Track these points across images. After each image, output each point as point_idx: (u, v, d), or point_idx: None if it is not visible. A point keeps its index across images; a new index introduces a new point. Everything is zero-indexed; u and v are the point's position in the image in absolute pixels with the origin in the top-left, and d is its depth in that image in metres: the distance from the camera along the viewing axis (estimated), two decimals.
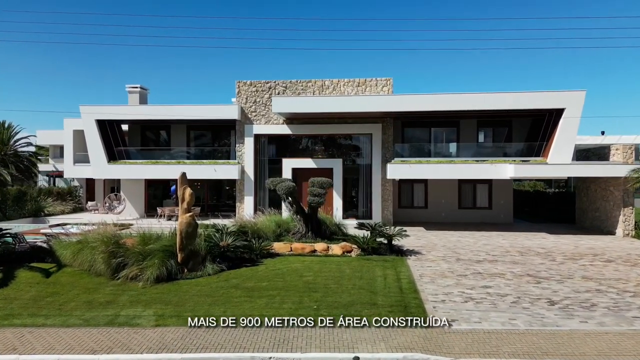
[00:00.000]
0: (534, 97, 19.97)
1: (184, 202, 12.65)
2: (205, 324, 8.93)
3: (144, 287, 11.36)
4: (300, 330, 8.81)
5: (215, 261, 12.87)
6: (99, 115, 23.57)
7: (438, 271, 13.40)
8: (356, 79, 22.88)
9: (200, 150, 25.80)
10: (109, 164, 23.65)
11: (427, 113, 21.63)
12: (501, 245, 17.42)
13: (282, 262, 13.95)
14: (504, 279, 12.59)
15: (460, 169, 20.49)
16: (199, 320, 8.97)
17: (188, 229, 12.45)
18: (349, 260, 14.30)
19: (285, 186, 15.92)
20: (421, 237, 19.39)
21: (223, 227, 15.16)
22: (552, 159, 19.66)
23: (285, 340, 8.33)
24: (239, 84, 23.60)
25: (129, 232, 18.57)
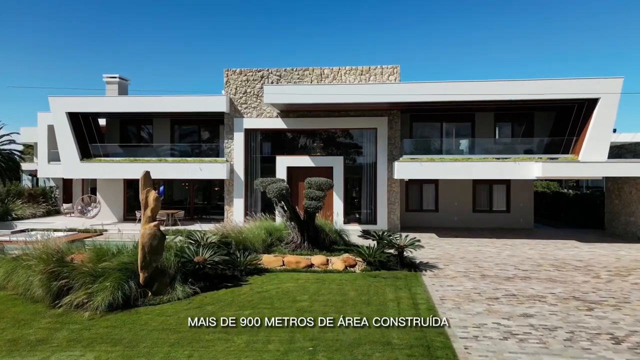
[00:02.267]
0: (563, 85, 17.47)
1: (148, 209, 10.15)
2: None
3: (92, 318, 8.86)
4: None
5: (187, 281, 10.38)
6: (71, 107, 21.06)
7: (462, 292, 10.92)
8: (359, 67, 20.39)
9: (185, 147, 23.32)
10: (82, 162, 21.13)
11: (439, 104, 19.14)
12: (530, 257, 14.94)
13: (271, 281, 11.48)
14: (546, 304, 10.11)
15: (479, 168, 17.98)
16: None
17: (152, 242, 9.96)
18: (352, 278, 11.83)
19: (276, 188, 13.44)
20: (434, 245, 16.91)
21: (202, 237, 12.68)
22: (584, 156, 17.17)
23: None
24: (228, 72, 21.10)
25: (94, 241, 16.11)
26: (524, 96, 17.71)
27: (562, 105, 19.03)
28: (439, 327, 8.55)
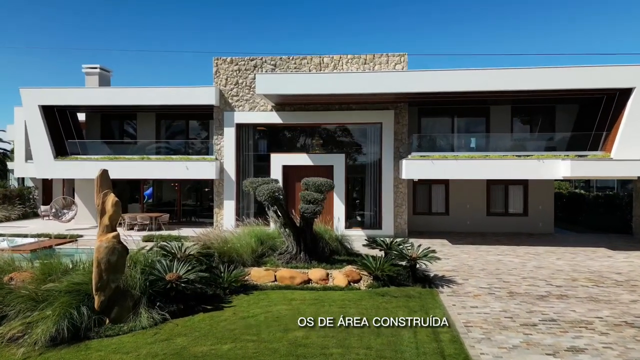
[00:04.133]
0: (591, 73, 15.52)
1: (105, 216, 8.21)
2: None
3: (27, 356, 6.96)
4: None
5: (155, 305, 8.46)
6: (44, 99, 19.12)
7: (490, 317, 9.01)
8: (362, 55, 18.45)
9: (172, 145, 21.39)
10: (57, 160, 19.18)
11: (451, 96, 17.19)
12: (560, 269, 13.02)
13: (260, 302, 9.56)
14: (595, 333, 8.21)
15: (498, 167, 16.01)
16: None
17: (110, 257, 8.04)
18: (357, 298, 9.91)
19: (268, 190, 11.51)
20: (448, 254, 14.99)
21: (179, 248, 10.76)
22: (617, 153, 15.24)
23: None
24: (217, 61, 19.16)
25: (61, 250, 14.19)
26: (548, 85, 15.78)
27: (588, 96, 17.09)
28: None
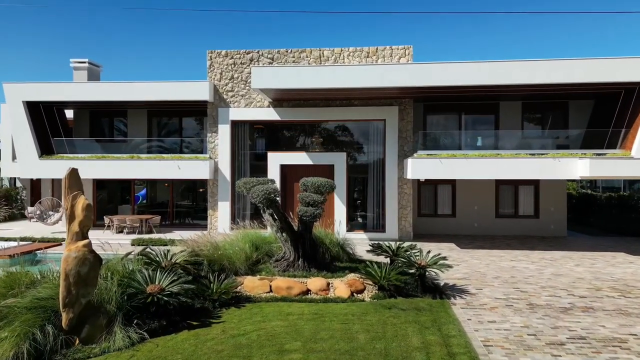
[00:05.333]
0: (609, 65, 14.47)
1: (75, 222, 7.20)
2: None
3: None
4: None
5: (132, 323, 7.45)
6: (29, 95, 18.12)
7: (511, 334, 8.00)
8: (365, 48, 17.44)
9: (164, 143, 20.38)
10: (42, 159, 18.16)
11: (458, 91, 16.16)
12: (581, 276, 12.00)
13: (253, 317, 8.54)
14: (632, 354, 7.21)
15: (512, 166, 14.95)
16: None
17: (81, 268, 7.03)
18: (361, 311, 8.90)
19: (262, 191, 10.49)
20: (457, 259, 13.97)
21: (164, 255, 9.75)
22: (639, 151, 14.24)
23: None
24: (211, 54, 18.14)
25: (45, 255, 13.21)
26: (562, 79, 14.75)
27: (605, 90, 16.08)
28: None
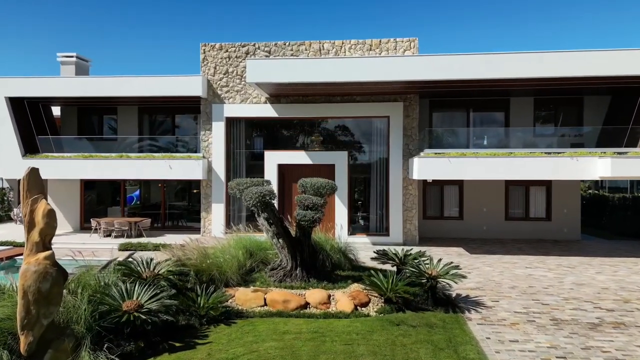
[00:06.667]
0: (629, 57, 13.50)
1: (35, 230, 6.19)
2: None
3: None
4: None
5: (103, 346, 6.45)
6: (12, 90, 17.11)
7: (537, 356, 7.01)
8: (367, 41, 16.44)
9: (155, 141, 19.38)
10: (25, 158, 17.15)
11: (467, 85, 15.19)
12: (604, 286, 11.00)
13: (244, 337, 7.54)
14: None
15: (526, 166, 13.91)
16: None
17: (42, 285, 6.03)
18: (366, 329, 7.89)
19: (256, 193, 9.49)
20: (468, 266, 12.96)
21: (146, 264, 8.76)
22: None
23: None
24: (205, 47, 17.13)
25: None
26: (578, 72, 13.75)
27: (624, 84, 15.08)
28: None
